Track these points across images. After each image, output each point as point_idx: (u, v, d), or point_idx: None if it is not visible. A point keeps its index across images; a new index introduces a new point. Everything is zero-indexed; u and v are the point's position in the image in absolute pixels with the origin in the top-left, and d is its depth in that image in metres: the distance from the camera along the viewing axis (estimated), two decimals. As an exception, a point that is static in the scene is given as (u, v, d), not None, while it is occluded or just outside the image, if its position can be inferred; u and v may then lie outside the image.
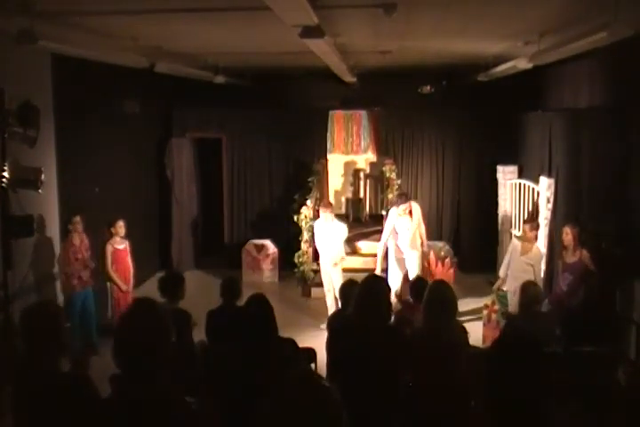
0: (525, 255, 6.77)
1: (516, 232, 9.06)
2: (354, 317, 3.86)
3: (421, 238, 8.23)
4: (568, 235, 6.37)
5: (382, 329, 3.89)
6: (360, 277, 5.11)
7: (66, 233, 6.87)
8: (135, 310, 2.36)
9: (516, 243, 7.11)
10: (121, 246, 7.26)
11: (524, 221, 7.50)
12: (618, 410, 3.04)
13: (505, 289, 7.05)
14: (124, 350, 2.22)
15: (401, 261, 8.18)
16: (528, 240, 6.88)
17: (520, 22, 5.99)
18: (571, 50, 5.76)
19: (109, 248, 7.16)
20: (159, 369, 2.21)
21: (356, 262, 9.57)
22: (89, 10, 5.12)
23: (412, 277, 7.65)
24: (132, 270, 7.37)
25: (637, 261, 5.59)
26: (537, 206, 8.14)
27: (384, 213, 10.00)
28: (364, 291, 3.90)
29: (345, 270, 8.06)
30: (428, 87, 11.36)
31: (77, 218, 6.76)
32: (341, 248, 8.14)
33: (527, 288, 5.26)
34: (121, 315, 2.41)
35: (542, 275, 6.95)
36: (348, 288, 4.82)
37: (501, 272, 7.16)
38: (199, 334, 5.25)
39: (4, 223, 5.53)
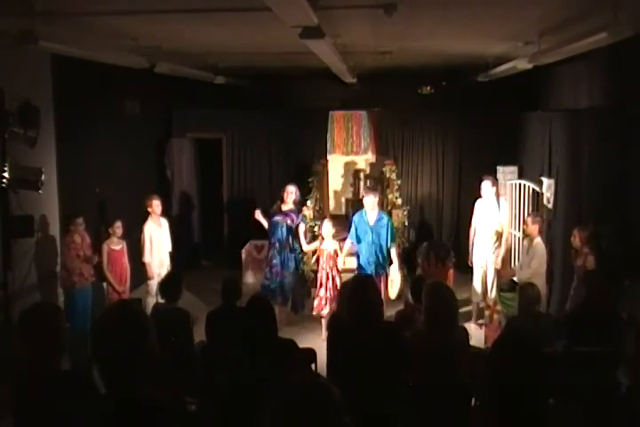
0: (527, 254, 6.74)
1: (515, 232, 9.05)
2: (348, 318, 3.88)
3: None
4: (576, 238, 6.30)
5: (381, 329, 3.90)
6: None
7: (66, 232, 6.86)
8: (109, 313, 2.36)
9: (524, 244, 7.11)
10: (117, 247, 7.26)
11: (528, 214, 7.49)
12: (618, 410, 3.03)
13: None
14: (98, 351, 2.22)
15: None
16: (529, 234, 6.85)
17: (520, 23, 5.99)
18: (571, 50, 5.76)
19: (105, 248, 7.16)
20: (138, 370, 2.20)
21: (355, 263, 9.55)
22: (89, 10, 5.12)
23: None
24: (128, 271, 7.36)
25: (637, 261, 5.59)
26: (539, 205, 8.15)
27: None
28: (353, 291, 3.93)
29: (345, 271, 8.03)
30: (428, 88, 11.37)
31: (80, 220, 6.73)
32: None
33: (526, 289, 5.27)
34: (97, 317, 2.41)
35: (543, 271, 6.92)
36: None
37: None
38: (199, 335, 5.25)
39: (4, 223, 5.54)
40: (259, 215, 7.93)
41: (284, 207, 7.92)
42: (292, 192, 7.92)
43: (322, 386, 1.77)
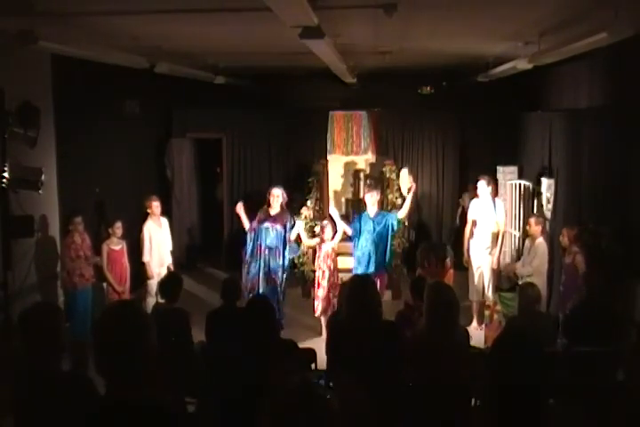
0: (529, 253, 6.79)
1: (515, 232, 9.05)
2: (347, 318, 3.89)
3: None
4: (564, 237, 6.42)
5: (381, 329, 3.90)
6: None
7: (66, 233, 6.87)
8: (110, 312, 2.37)
9: (527, 244, 7.15)
10: (117, 247, 7.26)
11: (530, 216, 7.59)
12: (618, 410, 3.03)
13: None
14: (99, 350, 2.22)
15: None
16: (532, 234, 6.91)
17: (520, 23, 5.99)
18: (571, 50, 5.76)
19: (105, 248, 7.17)
20: (138, 370, 2.20)
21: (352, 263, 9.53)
22: (89, 10, 5.12)
23: None
24: (128, 271, 7.36)
25: (637, 261, 5.59)
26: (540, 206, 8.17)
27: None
28: (352, 291, 3.93)
29: (343, 271, 8.02)
30: (428, 88, 11.36)
31: (79, 219, 6.75)
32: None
33: (526, 289, 5.27)
34: (97, 317, 2.41)
35: (544, 271, 6.94)
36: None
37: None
38: (199, 335, 5.26)
39: (4, 223, 5.54)
40: (240, 209, 7.57)
41: (272, 212, 7.56)
42: (277, 195, 7.55)
43: (319, 396, 1.78)
